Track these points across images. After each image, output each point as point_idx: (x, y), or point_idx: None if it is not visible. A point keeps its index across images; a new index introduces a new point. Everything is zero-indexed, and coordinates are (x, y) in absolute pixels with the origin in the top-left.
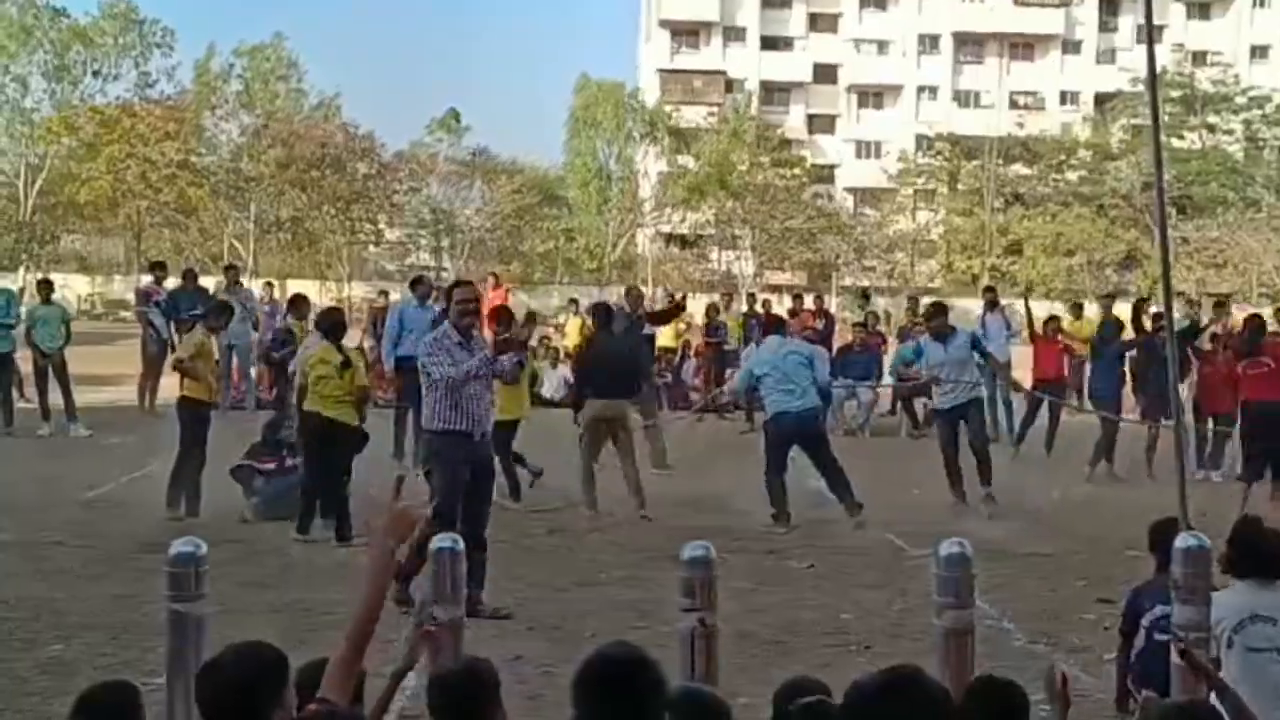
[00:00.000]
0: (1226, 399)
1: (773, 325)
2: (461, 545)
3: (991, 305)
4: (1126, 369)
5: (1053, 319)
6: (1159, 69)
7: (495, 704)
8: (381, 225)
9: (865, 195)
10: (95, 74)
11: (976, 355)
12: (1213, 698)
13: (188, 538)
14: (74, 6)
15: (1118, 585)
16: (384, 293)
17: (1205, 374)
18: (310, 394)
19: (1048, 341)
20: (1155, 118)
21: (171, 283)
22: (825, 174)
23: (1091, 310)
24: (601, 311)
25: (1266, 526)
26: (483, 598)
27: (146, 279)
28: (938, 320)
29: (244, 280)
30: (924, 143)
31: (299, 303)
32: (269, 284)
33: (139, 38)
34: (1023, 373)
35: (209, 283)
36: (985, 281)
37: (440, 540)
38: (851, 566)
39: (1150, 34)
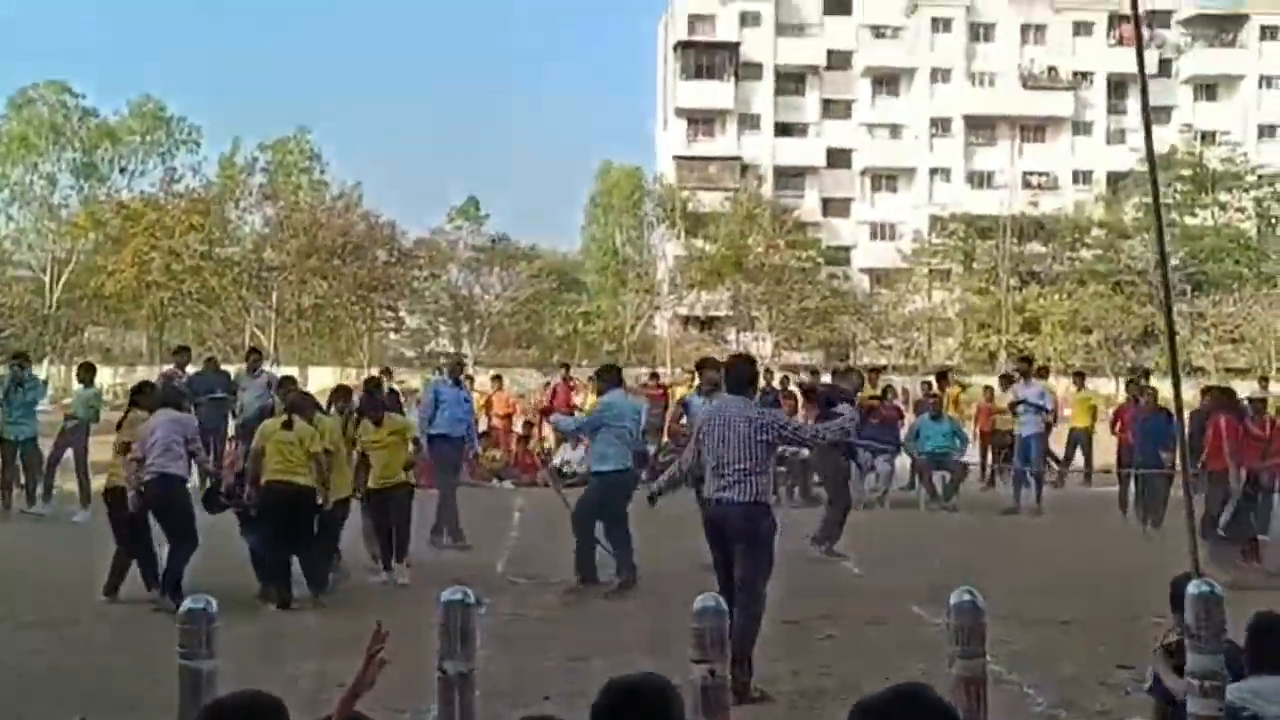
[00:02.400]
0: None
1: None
2: (472, 599)
3: (1024, 375)
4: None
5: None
6: (1168, 148)
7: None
8: (402, 312)
9: (881, 275)
10: (122, 170)
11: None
12: None
13: (198, 595)
14: (103, 105)
15: (1139, 650)
16: (387, 370)
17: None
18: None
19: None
20: (1155, 198)
21: (194, 369)
22: (841, 255)
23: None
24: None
25: None
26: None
27: (169, 367)
28: (709, 375)
29: (266, 366)
30: (938, 223)
31: (286, 384)
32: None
33: (166, 135)
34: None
35: (231, 370)
36: (1003, 358)
37: (451, 593)
38: (871, 635)
39: (1147, 116)
